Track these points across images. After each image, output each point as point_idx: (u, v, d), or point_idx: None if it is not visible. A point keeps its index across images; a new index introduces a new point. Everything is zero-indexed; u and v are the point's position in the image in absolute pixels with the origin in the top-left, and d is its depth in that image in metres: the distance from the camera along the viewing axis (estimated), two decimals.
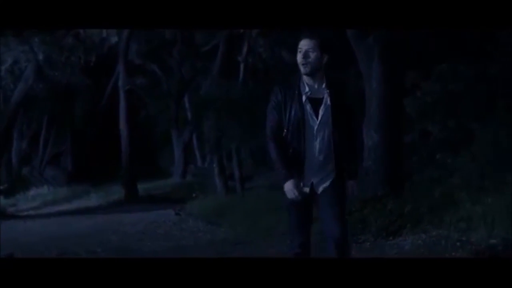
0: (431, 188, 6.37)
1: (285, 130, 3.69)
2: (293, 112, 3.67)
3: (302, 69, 3.67)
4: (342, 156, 3.72)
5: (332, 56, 3.69)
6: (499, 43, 8.50)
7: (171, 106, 16.41)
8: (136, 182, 14.16)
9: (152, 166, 18.44)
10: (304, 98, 3.68)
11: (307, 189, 3.69)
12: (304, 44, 3.67)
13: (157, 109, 17.30)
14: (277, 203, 8.27)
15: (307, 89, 3.69)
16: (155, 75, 16.50)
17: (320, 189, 3.71)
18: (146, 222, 10.13)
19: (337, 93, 3.71)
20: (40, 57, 13.57)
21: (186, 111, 17.62)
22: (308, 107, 3.67)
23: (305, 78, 3.72)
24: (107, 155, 16.67)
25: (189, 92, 16.71)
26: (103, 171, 16.81)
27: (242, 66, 11.40)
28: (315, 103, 3.67)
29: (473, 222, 4.91)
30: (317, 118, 3.67)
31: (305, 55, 3.64)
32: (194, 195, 12.06)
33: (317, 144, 3.69)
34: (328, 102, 3.67)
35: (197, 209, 10.88)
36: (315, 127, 3.68)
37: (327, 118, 3.66)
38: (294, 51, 3.93)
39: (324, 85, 3.71)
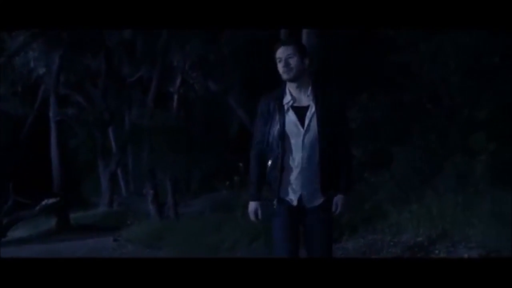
0: (362, 202, 7.42)
1: (263, 144, 3.63)
2: (274, 124, 3.60)
3: (285, 76, 3.58)
4: (331, 167, 3.59)
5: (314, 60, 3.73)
6: (410, 74, 9.88)
7: (97, 137, 16.87)
8: (68, 212, 14.47)
9: (77, 195, 18.64)
10: (286, 107, 3.60)
11: (295, 202, 3.57)
12: (281, 52, 3.60)
13: (82, 139, 17.68)
14: (219, 223, 9.17)
15: (289, 98, 3.62)
16: (81, 105, 16.91)
17: (310, 204, 3.59)
18: (85, 250, 10.52)
19: (323, 100, 3.59)
20: None
21: (111, 141, 18.11)
22: (292, 117, 3.57)
23: (290, 87, 3.64)
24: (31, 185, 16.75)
25: (114, 123, 17.25)
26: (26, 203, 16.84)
27: (175, 97, 12.22)
28: (300, 111, 3.58)
29: (402, 226, 5.97)
30: (303, 127, 3.56)
31: (286, 63, 3.57)
32: (128, 222, 12.61)
33: (304, 156, 3.57)
34: (314, 109, 3.57)
35: (135, 235, 11.43)
36: (301, 137, 3.56)
37: (314, 126, 3.55)
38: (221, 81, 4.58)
39: (309, 92, 3.61)
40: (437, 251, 5.09)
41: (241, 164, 8.45)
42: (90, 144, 17.61)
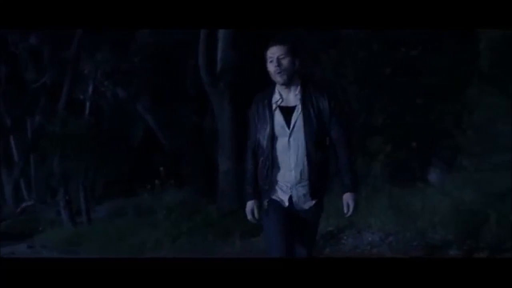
0: None
1: (257, 144, 3.64)
2: (264, 124, 3.59)
3: (278, 78, 3.56)
4: (321, 170, 3.56)
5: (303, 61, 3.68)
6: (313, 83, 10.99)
7: None
8: None
9: None
10: (274, 107, 3.60)
11: (286, 203, 3.57)
12: (274, 52, 3.56)
13: None
14: (141, 225, 9.78)
15: (278, 97, 3.60)
16: None
17: (300, 206, 3.59)
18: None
19: (311, 100, 3.56)
20: None
21: (12, 149, 17.98)
22: (279, 116, 3.57)
23: (279, 86, 3.62)
24: None
25: (17, 131, 17.19)
26: None
27: (87, 104, 12.65)
28: (287, 112, 3.57)
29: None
30: (289, 128, 3.55)
31: (278, 63, 3.53)
32: (40, 228, 12.85)
33: (291, 157, 3.56)
34: (300, 110, 3.55)
35: (49, 241, 11.75)
36: (287, 138, 3.55)
37: (300, 127, 3.53)
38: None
39: (297, 92, 3.59)
40: (345, 237, 6.12)
41: (161, 168, 9.14)
42: None
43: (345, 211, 3.53)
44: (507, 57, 10.72)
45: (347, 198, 3.51)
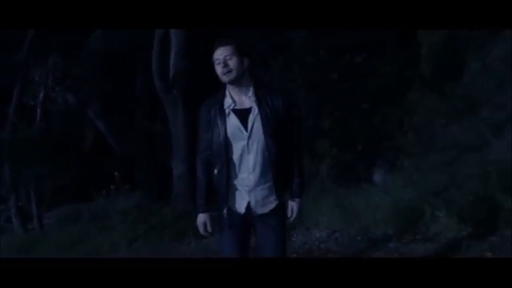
0: None
1: (208, 152, 3.57)
2: (216, 130, 3.53)
3: (224, 78, 3.50)
4: (282, 171, 3.54)
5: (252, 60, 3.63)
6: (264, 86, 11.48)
7: None
8: None
9: None
10: (227, 111, 3.53)
11: (242, 210, 3.51)
12: (219, 53, 3.51)
13: None
14: (97, 229, 10.01)
15: (230, 101, 3.54)
16: None
17: (260, 210, 3.52)
18: None
19: (267, 101, 3.51)
20: None
21: None
22: (234, 120, 3.51)
23: (230, 90, 3.56)
24: None
25: None
26: None
27: (38, 110, 12.78)
28: (243, 114, 3.51)
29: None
30: (247, 130, 3.49)
31: (225, 64, 3.48)
32: None
33: (251, 159, 3.50)
34: (257, 111, 3.49)
35: (3, 248, 11.82)
36: (246, 141, 3.50)
37: (258, 129, 3.48)
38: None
39: (250, 94, 3.53)
40: (295, 235, 6.59)
41: (116, 173, 9.43)
42: None
43: (289, 215, 3.56)
44: (446, 62, 11.49)
45: (293, 204, 3.56)
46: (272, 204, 3.51)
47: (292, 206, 3.57)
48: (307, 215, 6.89)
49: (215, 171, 3.55)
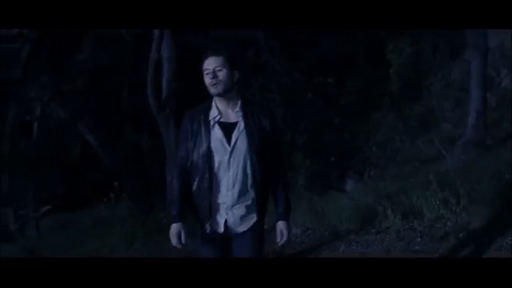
0: None
1: (189, 162, 3.51)
2: (199, 140, 3.48)
3: (212, 89, 3.47)
4: (265, 190, 3.53)
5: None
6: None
7: None
8: None
9: None
10: (212, 123, 3.49)
11: (221, 228, 3.50)
12: (209, 64, 3.48)
13: None
14: (97, 234, 11.50)
15: (216, 113, 3.51)
16: None
17: (237, 229, 3.51)
18: None
19: (253, 117, 3.48)
20: None
21: None
22: (218, 133, 3.47)
23: (217, 101, 3.53)
24: None
25: None
26: None
27: (35, 125, 14.32)
28: (227, 128, 3.47)
29: None
30: (230, 145, 3.45)
31: (214, 75, 3.45)
32: None
33: (231, 176, 3.48)
34: (242, 126, 3.46)
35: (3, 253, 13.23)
36: (228, 156, 3.47)
37: (242, 144, 3.45)
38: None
39: (238, 108, 3.50)
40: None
41: (116, 183, 11.00)
42: None
43: (278, 239, 3.59)
44: (411, 81, 13.33)
45: (281, 226, 3.58)
46: (251, 221, 3.54)
47: (281, 229, 3.59)
48: None
49: (195, 183, 3.54)
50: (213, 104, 3.58)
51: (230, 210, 3.53)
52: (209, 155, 3.50)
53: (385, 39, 12.96)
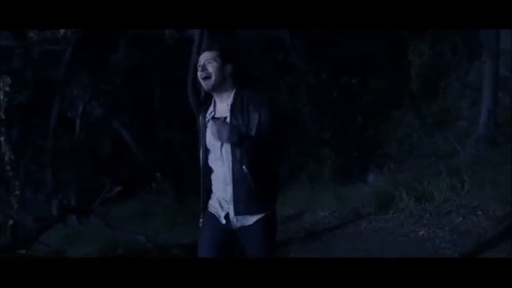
0: None
1: (201, 158, 3.72)
2: (200, 138, 3.68)
3: (203, 84, 3.56)
4: (262, 182, 3.54)
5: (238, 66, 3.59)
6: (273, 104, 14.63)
7: None
8: None
9: None
10: (207, 119, 3.63)
11: (223, 220, 3.62)
12: (202, 58, 3.57)
13: None
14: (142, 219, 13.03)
15: (211, 109, 3.62)
16: None
17: (240, 222, 3.60)
18: None
19: (242, 110, 3.51)
20: None
21: None
22: (212, 128, 3.53)
23: (215, 97, 3.63)
24: None
25: None
26: None
27: (78, 121, 15.97)
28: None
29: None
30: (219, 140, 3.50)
31: (203, 68, 3.52)
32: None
33: (226, 169, 3.56)
34: (228, 120, 3.49)
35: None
36: (219, 151, 3.57)
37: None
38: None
39: (229, 102, 3.55)
40: (305, 215, 9.82)
41: (158, 174, 12.52)
42: None
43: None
44: (431, 81, 14.67)
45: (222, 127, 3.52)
46: (254, 217, 3.62)
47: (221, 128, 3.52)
48: (315, 204, 10.13)
49: (201, 178, 3.78)
50: (213, 101, 3.73)
51: (231, 204, 3.64)
52: (206, 151, 3.72)
53: (406, 40, 14.28)
